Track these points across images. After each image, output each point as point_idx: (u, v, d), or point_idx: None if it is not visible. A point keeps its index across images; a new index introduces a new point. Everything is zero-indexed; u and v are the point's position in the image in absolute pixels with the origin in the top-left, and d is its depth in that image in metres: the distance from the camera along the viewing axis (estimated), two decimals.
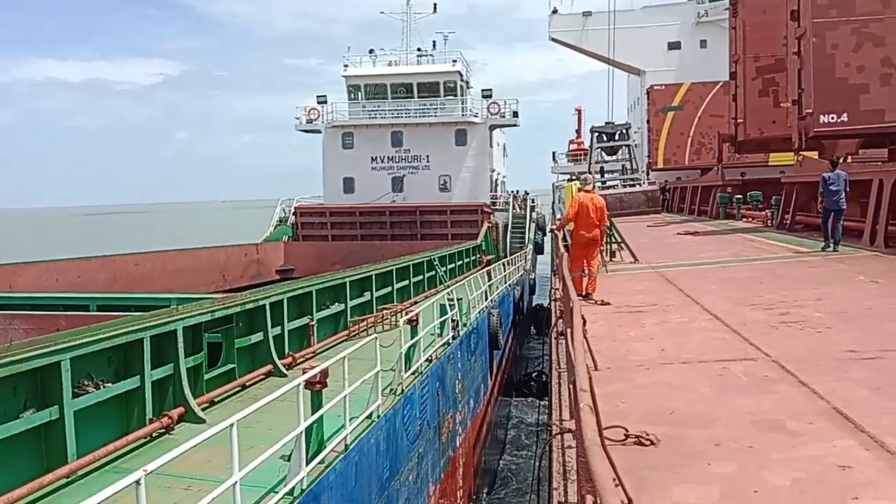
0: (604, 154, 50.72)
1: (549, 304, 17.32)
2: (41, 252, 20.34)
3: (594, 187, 13.95)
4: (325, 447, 6.64)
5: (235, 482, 4.70)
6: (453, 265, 24.50)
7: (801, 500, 4.76)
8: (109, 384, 7.05)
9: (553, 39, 57.60)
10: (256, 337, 9.95)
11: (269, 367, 9.90)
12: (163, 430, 7.39)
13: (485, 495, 16.48)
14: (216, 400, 8.63)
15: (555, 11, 56.75)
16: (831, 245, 17.78)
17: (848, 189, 17.75)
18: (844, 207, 17.83)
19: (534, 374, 25.30)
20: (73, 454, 6.34)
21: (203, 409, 8.06)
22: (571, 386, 5.98)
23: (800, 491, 4.89)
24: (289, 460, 5.88)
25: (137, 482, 3.74)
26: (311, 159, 40.18)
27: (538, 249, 39.96)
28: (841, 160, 20.34)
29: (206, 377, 8.72)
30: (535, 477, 11.78)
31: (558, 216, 24.82)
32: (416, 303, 17.06)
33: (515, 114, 39.51)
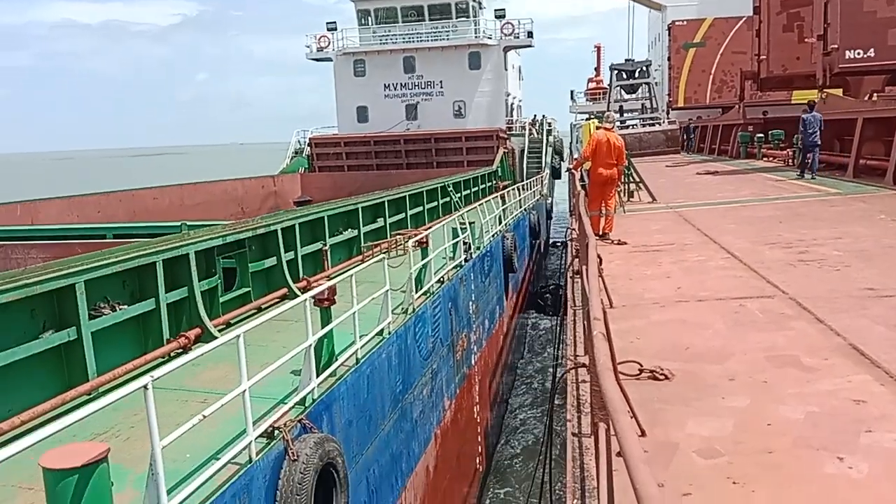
0: (623, 93, 49.94)
1: (567, 242, 17.33)
2: (62, 193, 20.61)
3: (614, 126, 13.73)
4: (336, 360, 6.82)
5: (245, 390, 4.86)
6: (468, 191, 24.42)
7: (814, 432, 4.80)
8: (125, 306, 7.22)
9: None
10: (270, 261, 10.09)
11: (284, 290, 10.05)
12: (180, 350, 7.58)
13: (501, 413, 16.84)
14: (232, 322, 8.81)
15: None
16: (811, 175, 21.31)
17: (822, 128, 21.01)
18: (819, 143, 21.22)
19: (550, 287, 25.80)
20: (94, 372, 6.58)
21: (219, 331, 8.26)
22: (586, 321, 6.00)
23: (813, 424, 4.93)
24: (300, 374, 6.02)
25: (145, 387, 3.87)
26: (329, 98, 39.84)
27: (555, 174, 39.57)
28: (818, 102, 23.02)
29: (221, 300, 8.90)
30: (548, 412, 11.98)
31: (575, 156, 24.54)
32: (430, 229, 17.12)
33: (530, 34, 38.44)
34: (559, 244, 37.01)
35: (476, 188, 25.98)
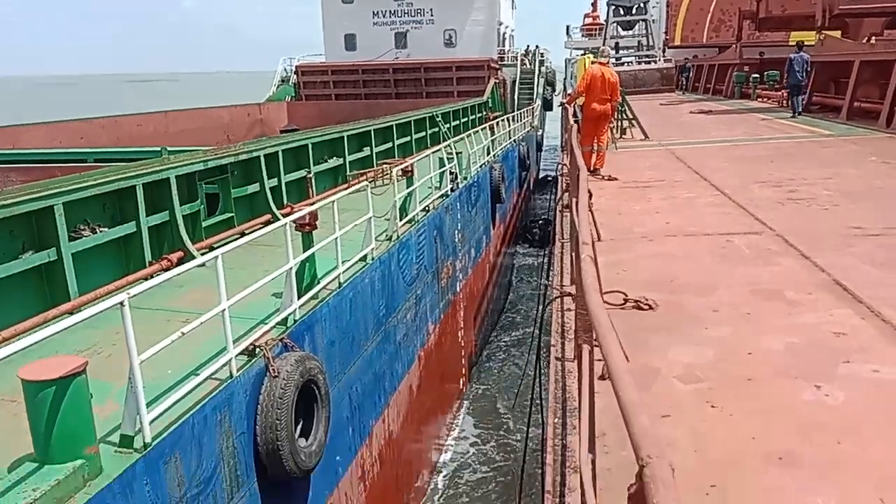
0: (620, 29, 49.16)
1: (557, 176, 17.25)
2: (46, 118, 20.25)
3: (608, 61, 13.51)
4: (319, 284, 6.84)
5: (224, 309, 4.86)
6: (458, 122, 24.08)
7: (794, 362, 4.87)
8: (106, 229, 7.16)
9: None
10: (253, 187, 9.99)
11: (268, 216, 9.97)
12: (162, 272, 7.52)
13: (486, 339, 17.07)
14: (215, 245, 8.73)
15: None
16: (796, 114, 22.30)
17: (809, 69, 22.23)
18: (804, 84, 22.49)
19: (539, 222, 25.56)
20: (76, 293, 6.56)
21: (202, 254, 8.18)
22: (574, 252, 6.01)
23: (793, 354, 5.00)
24: (282, 297, 6.05)
25: (121, 304, 3.85)
26: (318, 27, 38.84)
27: (547, 106, 39.05)
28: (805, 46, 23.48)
29: (204, 225, 8.84)
30: (532, 336, 12.20)
31: (569, 91, 24.17)
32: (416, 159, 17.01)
33: None
34: (549, 178, 36.81)
35: (466, 119, 25.62)
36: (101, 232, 7.05)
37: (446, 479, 11.94)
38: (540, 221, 25.53)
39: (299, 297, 6.09)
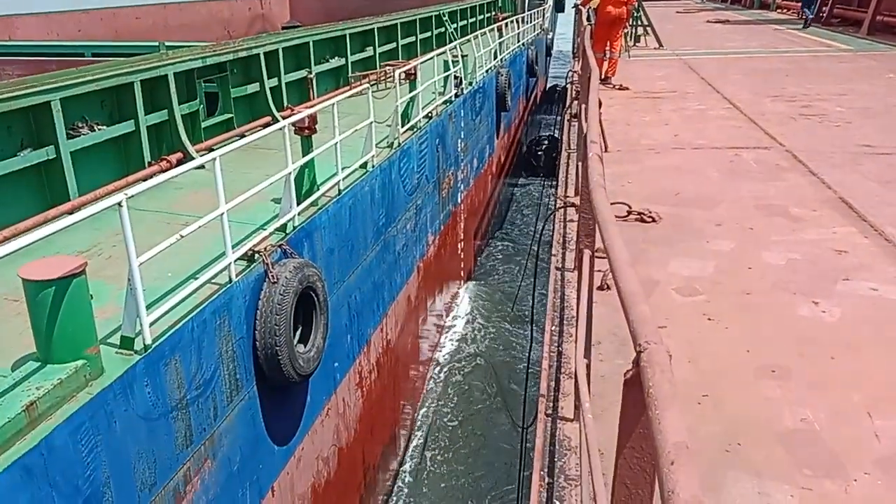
0: None
1: (566, 86, 16.86)
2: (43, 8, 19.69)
3: None
4: (318, 190, 6.77)
5: (223, 212, 4.82)
6: (465, 22, 23.31)
7: (793, 278, 4.89)
8: (104, 127, 7.04)
9: None
10: (253, 87, 9.76)
11: (268, 118, 9.80)
12: (161, 173, 7.46)
13: (486, 251, 17.12)
14: (214, 147, 8.60)
15: None
16: (807, 25, 22.61)
17: None
18: None
19: (544, 144, 23.66)
20: (75, 192, 6.50)
21: (201, 155, 8.10)
22: (581, 162, 5.93)
23: (792, 270, 5.01)
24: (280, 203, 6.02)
25: (119, 204, 3.82)
26: None
27: (558, 7, 37.80)
28: None
29: (203, 125, 8.68)
30: (531, 252, 12.21)
31: None
32: (420, 60, 16.54)
33: None
34: (559, 88, 35.97)
35: (474, 18, 24.82)
36: (99, 130, 6.93)
37: (442, 373, 12.18)
38: (545, 143, 23.60)
39: (298, 204, 6.04)
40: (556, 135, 22.77)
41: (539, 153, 23.36)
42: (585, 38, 11.83)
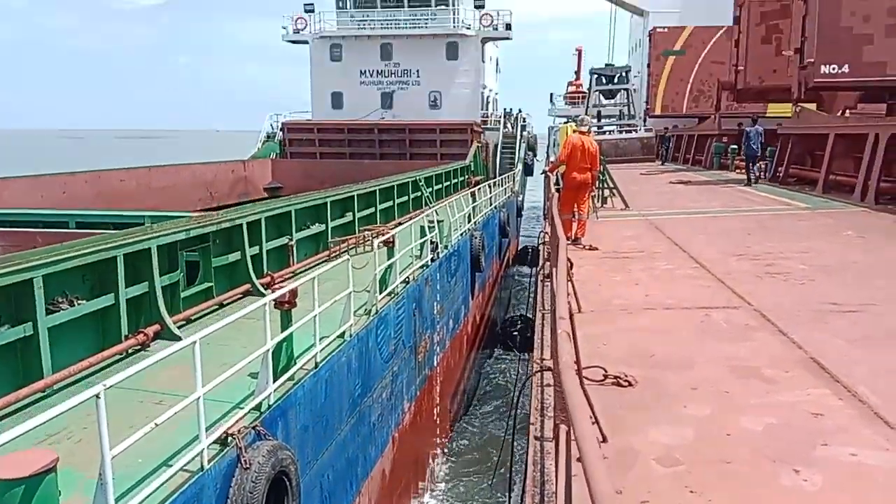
0: (602, 98, 50.32)
1: (538, 246, 17.35)
2: (36, 172, 20.16)
3: (589, 130, 13.81)
4: (295, 364, 6.76)
5: (199, 397, 4.83)
6: (440, 186, 24.28)
7: (772, 444, 4.88)
8: (84, 301, 7.10)
9: None
10: (234, 256, 9.98)
11: (248, 286, 9.95)
12: (138, 347, 7.49)
13: (461, 415, 16.76)
14: (193, 318, 8.70)
15: None
16: (751, 182, 24.59)
17: (762, 140, 24.63)
18: (758, 154, 25.01)
19: (518, 323, 23.68)
20: (49, 369, 6.46)
21: (179, 327, 8.16)
22: (552, 324, 6.03)
23: (771, 436, 5.01)
24: (257, 378, 5.96)
25: (97, 396, 3.81)
26: (305, 85, 39.37)
27: (528, 171, 39.55)
28: (759, 118, 26.17)
29: (183, 295, 8.78)
30: (511, 415, 12.01)
31: (552, 158, 24.51)
32: (399, 224, 17.01)
33: (509, 26, 38.33)
34: (529, 249, 36.99)
35: (448, 182, 25.87)
36: (79, 304, 6.98)
37: None
38: (519, 323, 23.63)
39: (275, 380, 6.02)
40: (528, 315, 22.96)
41: (514, 332, 23.35)
42: (554, 204, 12.34)
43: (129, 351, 7.37)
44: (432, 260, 12.64)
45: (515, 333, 23.25)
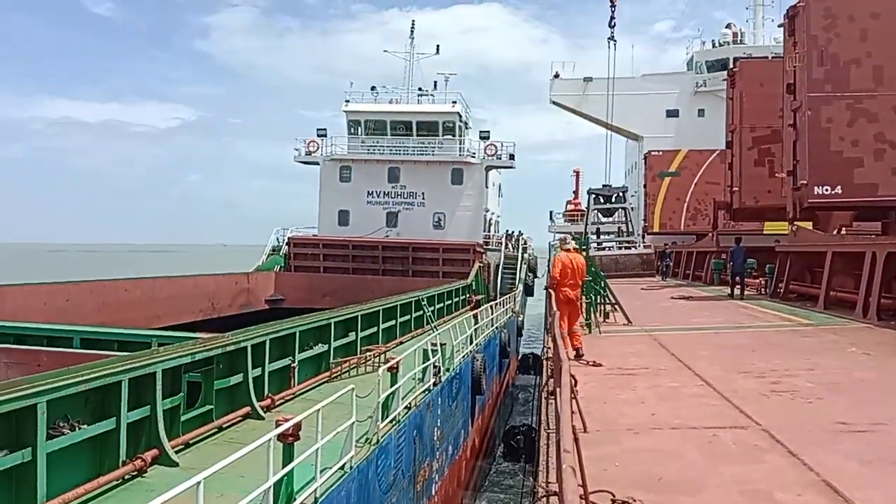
0: (600, 216, 51.32)
1: (542, 359, 17.21)
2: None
3: (572, 247, 14.42)
4: (295, 500, 6.58)
5: None
6: (442, 304, 24.38)
7: None
8: (85, 426, 7.03)
9: (554, 103, 58.78)
10: (236, 378, 9.94)
11: (248, 409, 9.84)
12: (136, 473, 7.35)
13: None
14: (191, 442, 8.59)
15: (556, 76, 58.01)
16: (737, 294, 26.42)
17: (745, 259, 26.85)
18: (743, 272, 26.97)
19: (522, 429, 23.72)
20: (44, 496, 6.32)
21: (178, 452, 8.03)
22: (556, 449, 5.92)
23: None
24: None
25: None
26: (313, 202, 40.32)
27: (528, 291, 39.87)
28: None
29: (182, 418, 8.69)
30: None
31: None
32: (401, 343, 16.86)
33: (512, 156, 39.95)
34: (530, 357, 36.69)
35: (450, 301, 25.95)
36: (80, 429, 6.89)
37: None
38: (522, 430, 23.57)
39: None
40: (531, 423, 22.64)
41: (518, 438, 23.18)
42: (556, 321, 12.38)
43: (126, 477, 7.21)
44: (434, 384, 12.47)
45: (520, 437, 23.03)
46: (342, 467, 7.66)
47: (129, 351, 8.44)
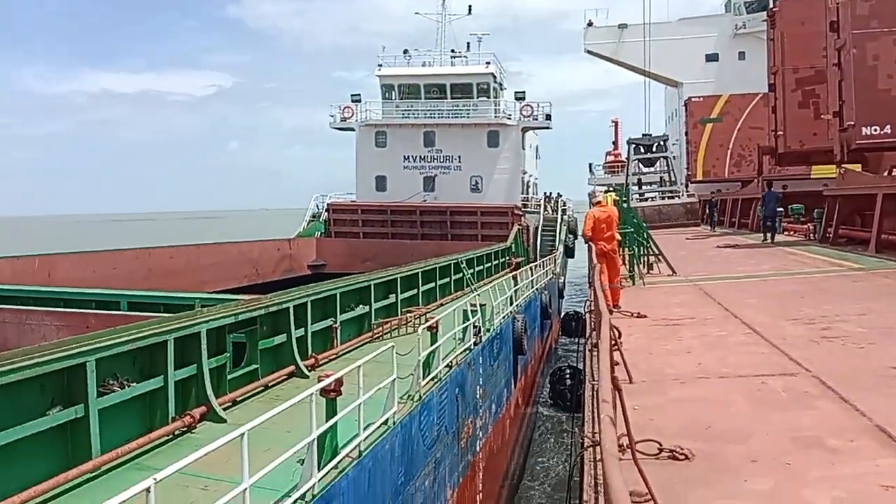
0: (641, 166, 50.45)
1: (584, 313, 17.11)
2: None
3: (606, 200, 14.31)
4: (339, 453, 6.71)
5: (245, 488, 4.81)
6: (481, 267, 24.34)
7: None
8: (134, 383, 7.23)
9: (589, 52, 57.44)
10: (280, 338, 10.08)
11: (292, 367, 10.01)
12: (185, 429, 7.55)
13: (509, 498, 16.26)
14: (238, 400, 8.76)
15: (590, 24, 56.62)
16: (769, 238, 27.08)
17: (778, 203, 28.01)
18: (775, 215, 27.78)
19: (567, 376, 23.59)
20: (98, 451, 6.53)
21: (225, 409, 8.21)
22: (596, 402, 5.89)
23: None
24: (302, 464, 5.90)
25: (147, 490, 3.83)
26: (349, 168, 40.42)
27: (569, 253, 39.57)
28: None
29: (229, 377, 8.87)
30: (567, 489, 11.62)
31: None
32: (441, 305, 16.95)
33: (548, 116, 39.32)
34: (573, 316, 36.55)
35: (489, 264, 25.90)
36: (129, 387, 7.09)
37: None
38: (567, 378, 23.40)
39: (319, 469, 5.94)
40: (578, 366, 22.66)
41: (562, 389, 23.26)
42: (596, 273, 12.28)
43: (176, 433, 7.40)
44: (475, 344, 12.50)
45: (563, 389, 23.06)
46: (385, 422, 7.75)
47: (174, 313, 8.61)
